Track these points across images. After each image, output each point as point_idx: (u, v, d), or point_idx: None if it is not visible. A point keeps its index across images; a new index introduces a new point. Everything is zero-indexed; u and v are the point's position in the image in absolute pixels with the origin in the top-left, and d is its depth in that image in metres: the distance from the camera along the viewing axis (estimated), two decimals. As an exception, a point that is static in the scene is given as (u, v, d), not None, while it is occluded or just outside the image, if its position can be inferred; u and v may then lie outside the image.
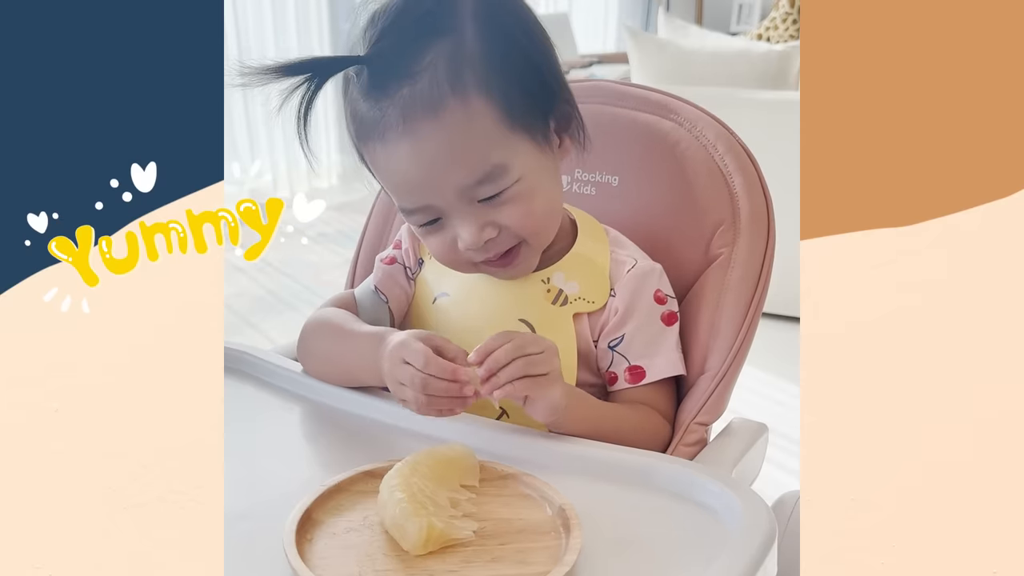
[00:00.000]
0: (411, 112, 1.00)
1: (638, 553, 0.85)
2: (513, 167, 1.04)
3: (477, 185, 1.03)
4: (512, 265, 1.10)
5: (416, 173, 1.02)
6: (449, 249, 1.08)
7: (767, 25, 4.93)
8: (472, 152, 1.02)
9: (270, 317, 3.38)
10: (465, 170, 1.02)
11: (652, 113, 1.25)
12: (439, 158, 1.01)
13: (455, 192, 1.03)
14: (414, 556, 0.81)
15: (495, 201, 1.04)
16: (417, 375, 0.97)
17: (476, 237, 1.04)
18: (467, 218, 1.04)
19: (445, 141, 1.01)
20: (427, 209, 1.05)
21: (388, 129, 1.01)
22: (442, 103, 0.99)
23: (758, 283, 1.16)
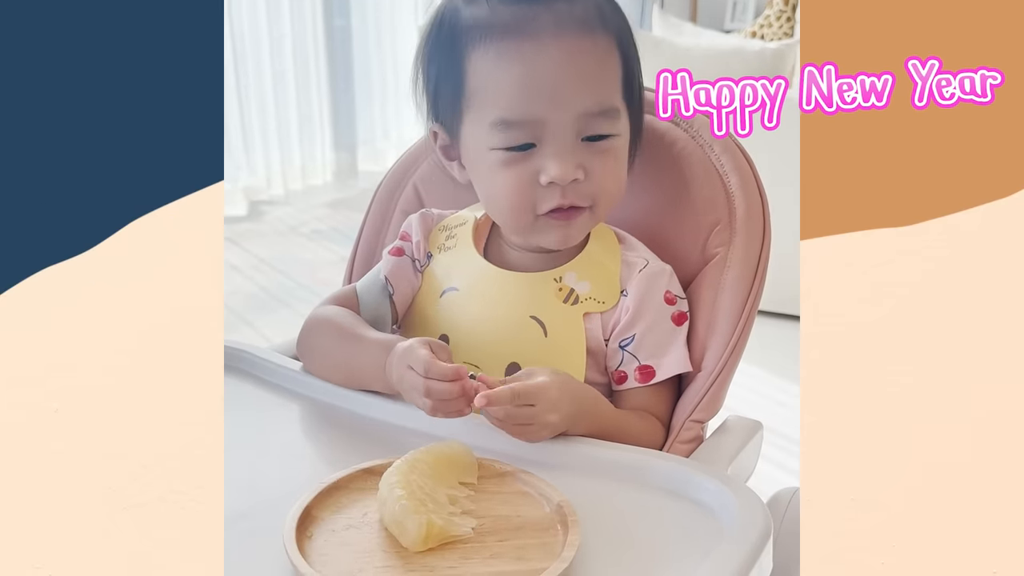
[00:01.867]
0: (566, 24, 1.03)
1: (635, 549, 0.85)
2: (621, 120, 1.07)
3: (597, 115, 1.05)
4: (572, 222, 1.10)
5: (554, 79, 1.04)
6: (525, 186, 1.07)
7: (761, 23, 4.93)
8: (606, 83, 1.06)
9: (265, 315, 3.38)
10: (597, 96, 1.05)
11: (648, 112, 1.25)
12: (583, 72, 1.04)
13: (574, 115, 1.04)
14: (413, 553, 0.81)
15: (596, 146, 1.06)
16: (419, 380, 0.97)
17: (566, 171, 1.05)
18: (564, 152, 1.05)
19: (592, 60, 1.04)
20: (531, 126, 1.05)
21: (538, 32, 1.03)
22: (594, 30, 1.04)
23: (754, 282, 1.16)
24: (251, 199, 4.65)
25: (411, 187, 1.38)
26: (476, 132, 1.09)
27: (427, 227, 1.23)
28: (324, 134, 5.14)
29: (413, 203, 1.37)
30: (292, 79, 4.82)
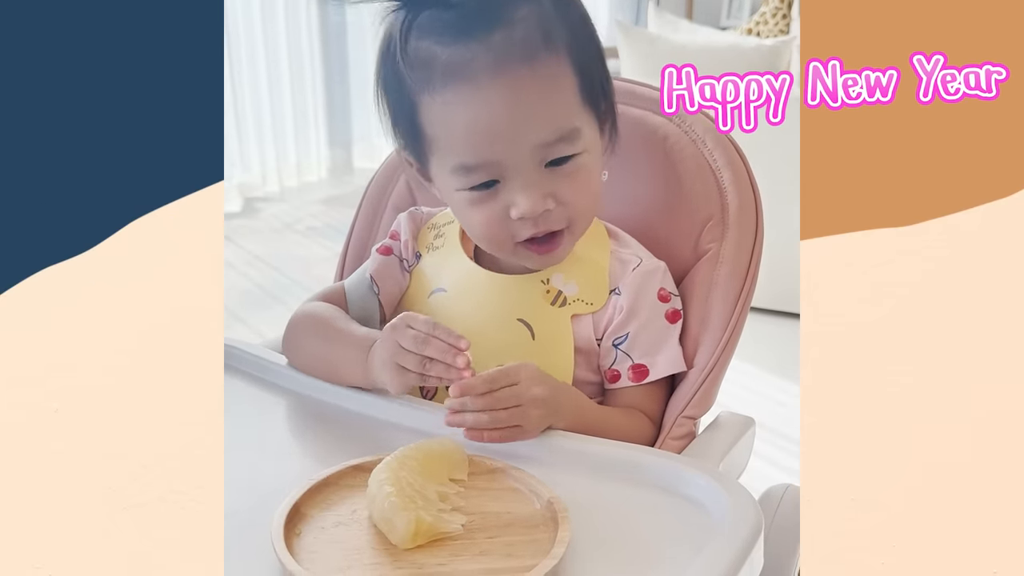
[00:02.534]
0: (506, 58, 0.99)
1: (626, 546, 0.85)
2: (584, 135, 1.04)
3: (555, 143, 1.02)
4: (552, 252, 1.10)
5: (501, 120, 1.01)
6: (496, 221, 1.07)
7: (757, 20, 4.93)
8: (557, 108, 1.02)
9: (259, 311, 3.37)
10: (550, 125, 1.02)
11: (641, 107, 1.25)
12: (528, 107, 1.01)
13: (531, 148, 1.02)
14: (402, 550, 0.81)
15: (561, 170, 1.04)
16: (419, 334, 0.97)
17: (536, 204, 1.03)
18: (530, 184, 1.03)
19: (537, 91, 1.00)
20: (491, 167, 1.04)
21: (480, 72, 0.99)
22: (536, 55, 1.00)
23: (746, 278, 1.16)
24: (246, 196, 4.64)
25: (403, 183, 1.38)
26: (441, 174, 1.08)
27: (416, 226, 1.23)
28: (319, 131, 5.13)
29: (405, 199, 1.36)
30: (287, 75, 4.82)
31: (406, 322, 1.00)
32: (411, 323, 0.99)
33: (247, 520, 0.85)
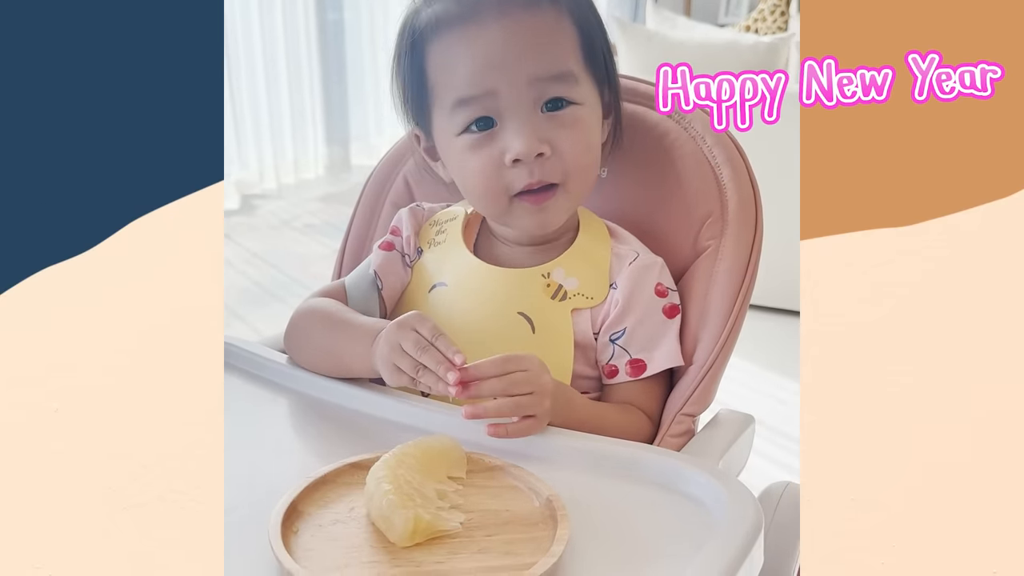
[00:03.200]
0: (509, 3, 1.05)
1: (625, 544, 0.85)
2: (581, 87, 1.08)
3: (550, 80, 1.06)
4: (544, 205, 1.10)
5: (499, 54, 1.05)
6: (492, 168, 1.08)
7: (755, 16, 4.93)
8: (555, 48, 1.07)
9: (257, 309, 3.37)
10: (545, 61, 1.06)
11: (640, 104, 1.25)
12: (526, 43, 1.05)
13: (527, 81, 1.05)
14: (401, 548, 0.81)
15: (557, 116, 1.07)
16: (420, 339, 0.98)
17: (530, 145, 1.05)
18: (525, 126, 1.06)
19: (535, 31, 1.05)
20: (487, 99, 1.06)
21: (483, 12, 1.05)
22: (538, 5, 1.06)
23: (746, 274, 1.16)
24: (243, 193, 4.64)
25: (401, 180, 1.38)
26: (442, 123, 1.10)
27: (417, 222, 1.23)
28: (317, 128, 5.13)
29: (403, 196, 1.37)
30: (284, 73, 4.82)
31: (412, 324, 1.00)
32: (416, 326, 0.99)
33: (246, 518, 0.85)
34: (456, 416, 1.00)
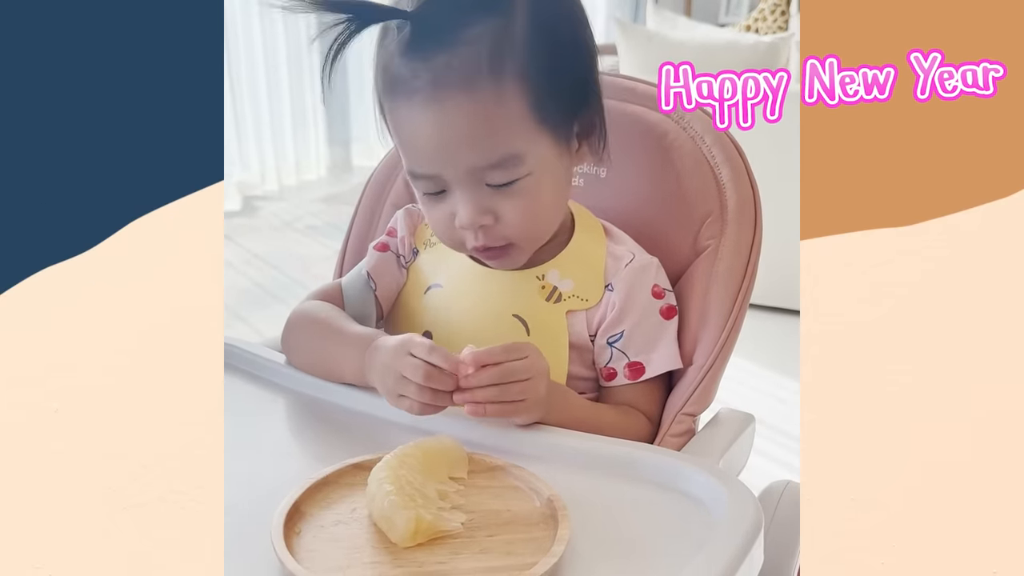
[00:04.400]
0: (443, 81, 0.99)
1: (626, 544, 0.85)
2: (528, 159, 1.03)
3: (489, 168, 1.02)
4: (502, 260, 1.10)
5: (434, 142, 1.02)
6: (447, 223, 1.07)
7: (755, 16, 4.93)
8: (492, 135, 1.01)
9: (259, 310, 3.37)
10: (481, 151, 1.01)
11: (640, 104, 1.25)
12: (459, 133, 1.00)
13: (466, 169, 1.02)
14: (402, 548, 0.81)
15: (504, 190, 1.04)
16: (421, 364, 0.97)
17: (472, 218, 1.04)
18: (470, 197, 1.04)
19: (468, 118, 1.00)
20: (435, 179, 1.05)
21: (416, 92, 1.00)
22: (476, 80, 0.99)
23: (745, 274, 1.16)
24: (245, 194, 4.65)
25: (401, 181, 1.38)
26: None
27: (413, 222, 1.24)
28: (318, 129, 5.14)
29: (403, 197, 1.37)
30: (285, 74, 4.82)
31: (407, 348, 0.99)
32: (411, 349, 0.99)
33: (247, 519, 0.85)
34: (457, 417, 1.00)
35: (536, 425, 1.01)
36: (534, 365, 0.99)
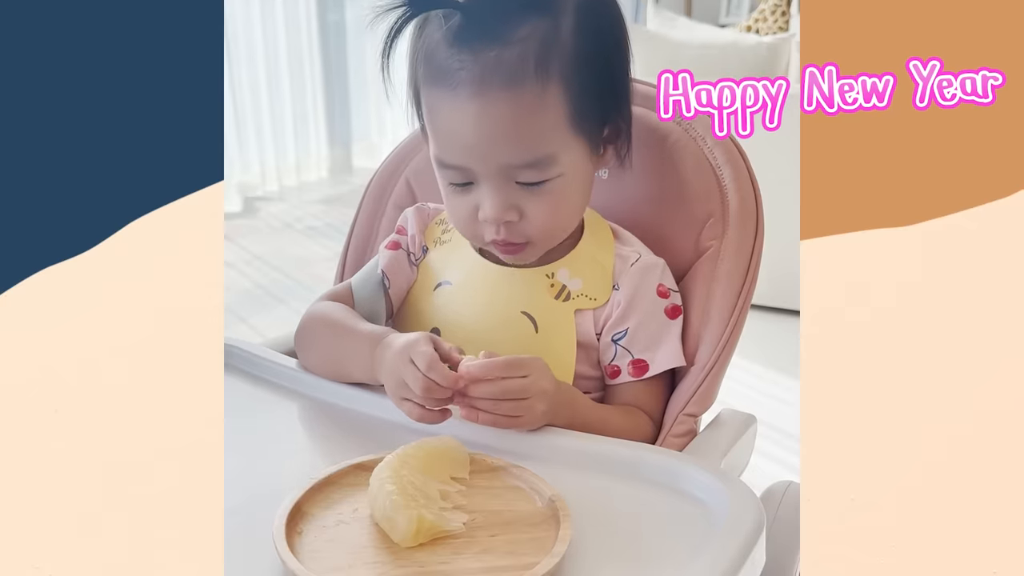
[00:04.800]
0: (491, 77, 0.99)
1: (627, 544, 0.85)
2: (561, 161, 1.04)
3: (523, 167, 1.03)
4: (517, 255, 1.11)
5: (472, 136, 1.02)
6: (468, 214, 1.08)
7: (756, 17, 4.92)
8: (531, 136, 1.02)
9: (259, 311, 3.37)
10: (517, 150, 1.02)
11: (641, 105, 1.25)
12: (498, 130, 1.01)
13: (499, 166, 1.03)
14: (404, 548, 0.81)
15: (532, 188, 1.05)
16: (420, 377, 0.97)
17: (498, 213, 1.05)
18: (498, 192, 1.04)
19: (511, 116, 1.01)
20: (463, 171, 1.05)
21: (462, 84, 1.00)
22: (523, 80, 0.99)
23: (747, 275, 1.16)
24: (245, 195, 4.65)
25: (403, 181, 1.38)
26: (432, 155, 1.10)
27: (423, 221, 1.24)
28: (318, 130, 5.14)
29: (406, 197, 1.37)
30: (286, 75, 4.83)
31: (407, 354, 1.00)
32: (412, 355, 0.99)
33: (248, 519, 0.85)
34: (458, 417, 1.01)
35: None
36: (533, 385, 0.99)
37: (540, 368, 1.00)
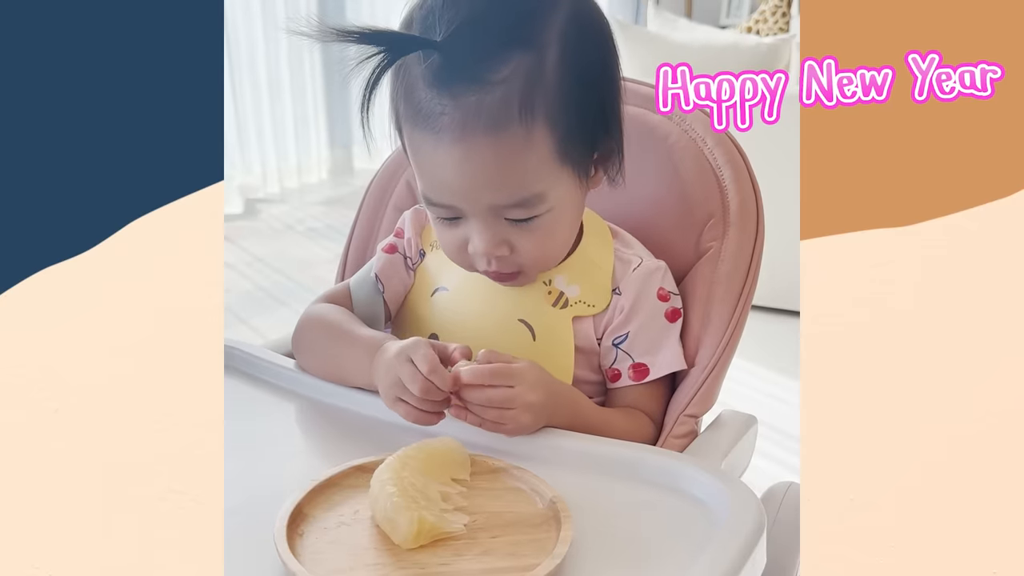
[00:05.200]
0: (473, 122, 0.96)
1: (628, 545, 0.85)
2: (550, 198, 1.03)
3: (511, 207, 1.02)
4: (511, 283, 1.11)
5: (456, 181, 1.01)
6: (458, 247, 1.07)
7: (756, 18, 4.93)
8: (517, 178, 1.00)
9: (260, 313, 3.37)
10: (504, 192, 1.01)
11: (640, 106, 1.25)
12: (483, 175, 0.99)
13: (486, 206, 1.02)
14: (405, 550, 0.81)
15: (521, 224, 1.04)
16: (421, 379, 0.97)
17: (488, 249, 1.04)
18: (487, 228, 1.04)
19: (495, 161, 0.99)
20: (450, 208, 1.04)
21: (444, 129, 0.98)
22: (507, 124, 0.97)
23: (747, 276, 1.16)
24: (247, 197, 4.65)
25: (403, 184, 1.38)
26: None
27: (420, 224, 1.24)
28: (319, 132, 5.14)
29: (406, 199, 1.37)
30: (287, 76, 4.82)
31: (407, 354, 0.99)
32: (412, 356, 0.99)
33: (248, 520, 0.85)
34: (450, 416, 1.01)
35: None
36: (519, 397, 0.98)
37: (531, 378, 1.00)
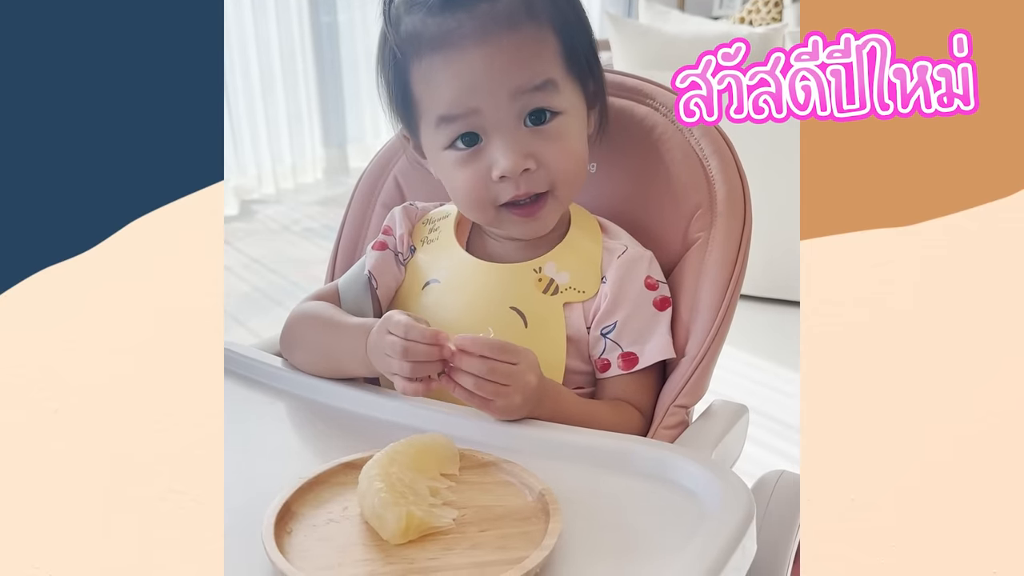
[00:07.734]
0: (491, 26, 1.05)
1: (618, 536, 0.86)
2: (563, 95, 1.10)
3: (532, 91, 1.07)
4: (536, 216, 1.12)
5: (482, 76, 1.06)
6: (479, 181, 1.09)
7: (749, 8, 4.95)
8: (535, 61, 1.07)
9: (258, 314, 3.38)
10: (526, 73, 1.07)
11: (627, 98, 1.26)
12: (507, 60, 1.06)
13: (509, 95, 1.06)
14: (394, 546, 0.82)
15: (541, 130, 1.08)
16: (399, 342, 0.98)
17: (515, 162, 1.07)
18: (510, 142, 1.07)
19: (516, 47, 1.06)
20: (471, 116, 1.08)
21: (465, 38, 1.06)
22: (520, 22, 1.06)
23: (735, 265, 1.16)
24: (242, 198, 4.66)
25: (392, 180, 1.39)
26: (429, 135, 1.12)
27: (411, 221, 1.25)
28: (314, 132, 5.15)
29: (394, 196, 1.38)
30: (280, 77, 4.84)
31: (386, 327, 1.01)
32: (390, 327, 1.01)
33: (244, 520, 0.86)
34: (448, 413, 1.02)
35: (527, 420, 1.02)
36: (519, 374, 1.00)
37: (530, 360, 1.02)
